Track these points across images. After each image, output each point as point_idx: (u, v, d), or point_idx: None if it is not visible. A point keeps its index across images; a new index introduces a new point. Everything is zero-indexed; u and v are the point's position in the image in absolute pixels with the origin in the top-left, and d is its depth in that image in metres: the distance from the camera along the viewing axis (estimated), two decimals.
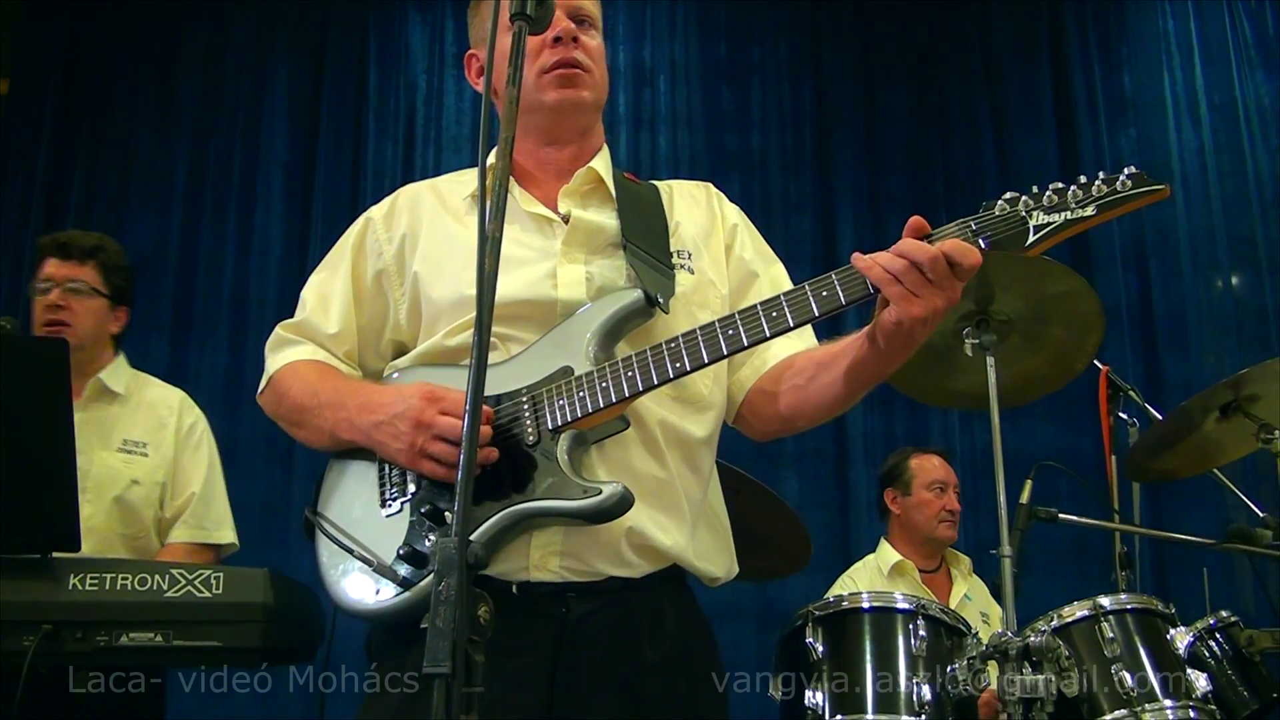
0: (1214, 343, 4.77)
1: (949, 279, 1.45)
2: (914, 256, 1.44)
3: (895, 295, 1.46)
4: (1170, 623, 2.63)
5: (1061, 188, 1.48)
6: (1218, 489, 3.29)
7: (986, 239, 1.47)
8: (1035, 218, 1.46)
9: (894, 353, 1.56)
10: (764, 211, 4.73)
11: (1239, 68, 5.16)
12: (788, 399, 1.76)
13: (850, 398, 1.70)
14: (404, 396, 1.60)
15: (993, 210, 1.49)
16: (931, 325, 1.50)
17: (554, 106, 1.76)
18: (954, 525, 3.64)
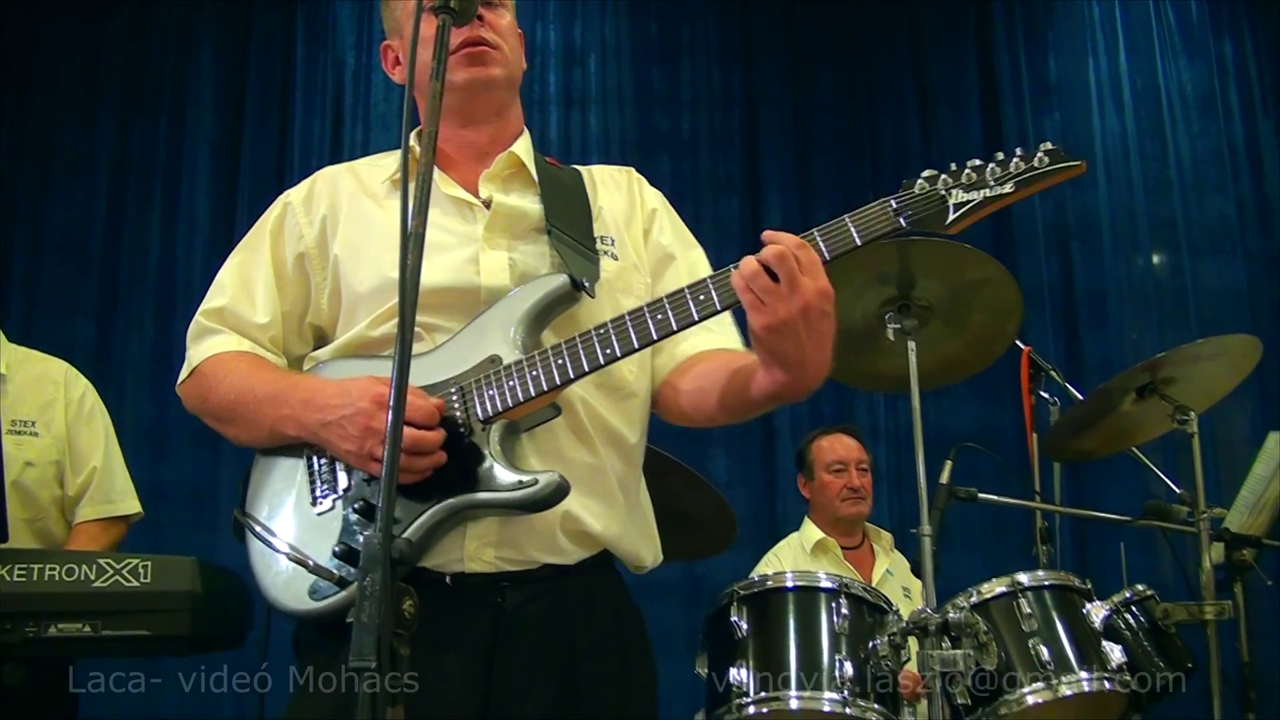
0: (1134, 323, 4.89)
1: (795, 279, 1.42)
2: (763, 255, 1.43)
3: (747, 303, 1.45)
4: (1086, 597, 2.72)
5: (980, 165, 1.49)
6: (1137, 466, 3.40)
7: (907, 217, 1.47)
8: (955, 196, 1.47)
9: (771, 369, 1.52)
10: (693, 192, 4.75)
11: (1162, 54, 5.27)
12: (691, 399, 1.76)
13: (748, 409, 1.67)
14: (353, 399, 1.56)
15: (912, 189, 1.49)
16: (792, 339, 1.45)
17: (464, 85, 1.74)
18: (860, 501, 3.70)
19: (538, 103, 4.80)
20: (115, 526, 2.75)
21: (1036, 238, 4.87)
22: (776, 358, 1.49)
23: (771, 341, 1.46)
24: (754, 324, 1.46)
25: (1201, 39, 5.33)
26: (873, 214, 1.49)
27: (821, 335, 1.46)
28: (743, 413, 1.70)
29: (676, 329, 1.54)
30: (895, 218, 1.48)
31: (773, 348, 1.47)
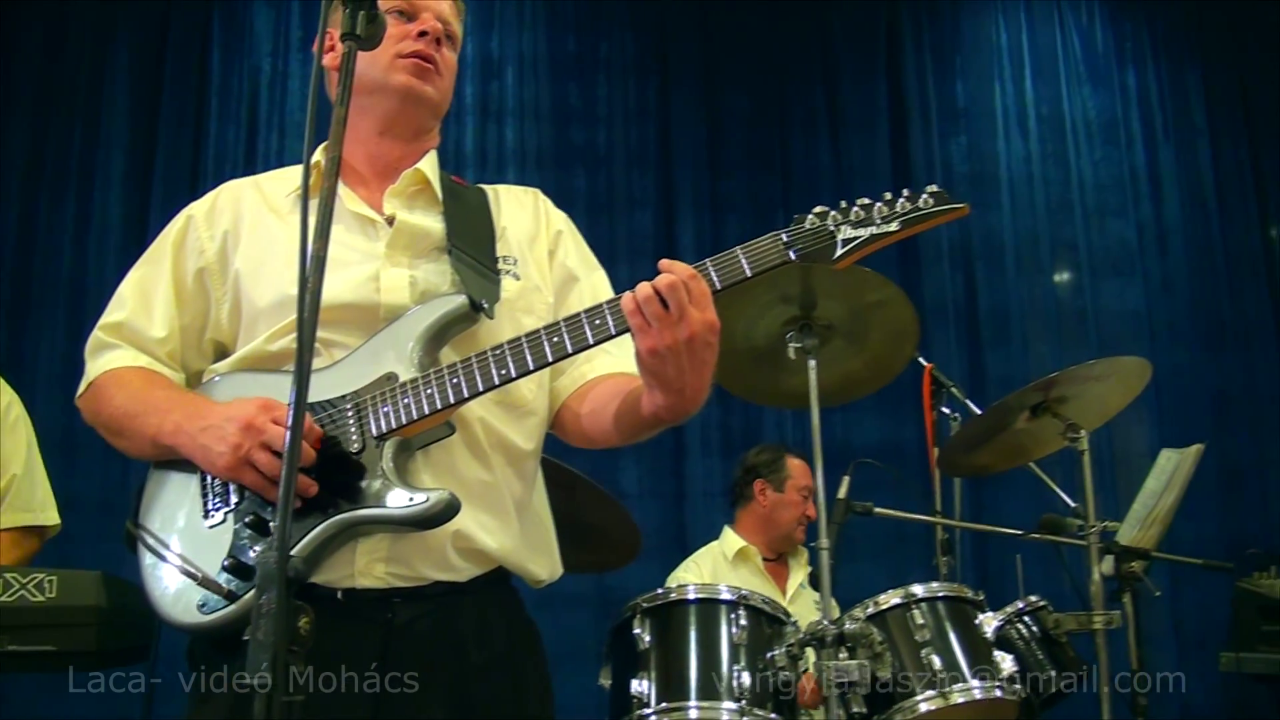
0: (1036, 342, 5.04)
1: (684, 308, 1.47)
2: (655, 282, 1.49)
3: (634, 326, 1.50)
4: (979, 608, 2.80)
5: (868, 204, 1.55)
6: (1037, 481, 3.50)
7: (797, 251, 1.53)
8: (843, 232, 1.53)
9: (653, 391, 1.56)
10: (608, 206, 4.80)
11: (1067, 82, 5.45)
12: (589, 421, 1.80)
13: (637, 431, 1.72)
14: (237, 407, 1.58)
15: (804, 224, 1.54)
16: (674, 364, 1.50)
17: (399, 90, 1.76)
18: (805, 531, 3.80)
19: (454, 114, 4.78)
20: (31, 538, 2.71)
21: (942, 257, 4.99)
22: (659, 381, 1.54)
23: (655, 365, 1.51)
24: (639, 347, 1.51)
25: (1106, 68, 5.51)
26: (764, 247, 1.54)
27: (703, 363, 1.52)
28: (634, 434, 1.74)
29: (571, 352, 1.58)
30: (785, 251, 1.54)
31: (656, 371, 1.52)
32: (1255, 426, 5.25)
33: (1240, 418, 5.25)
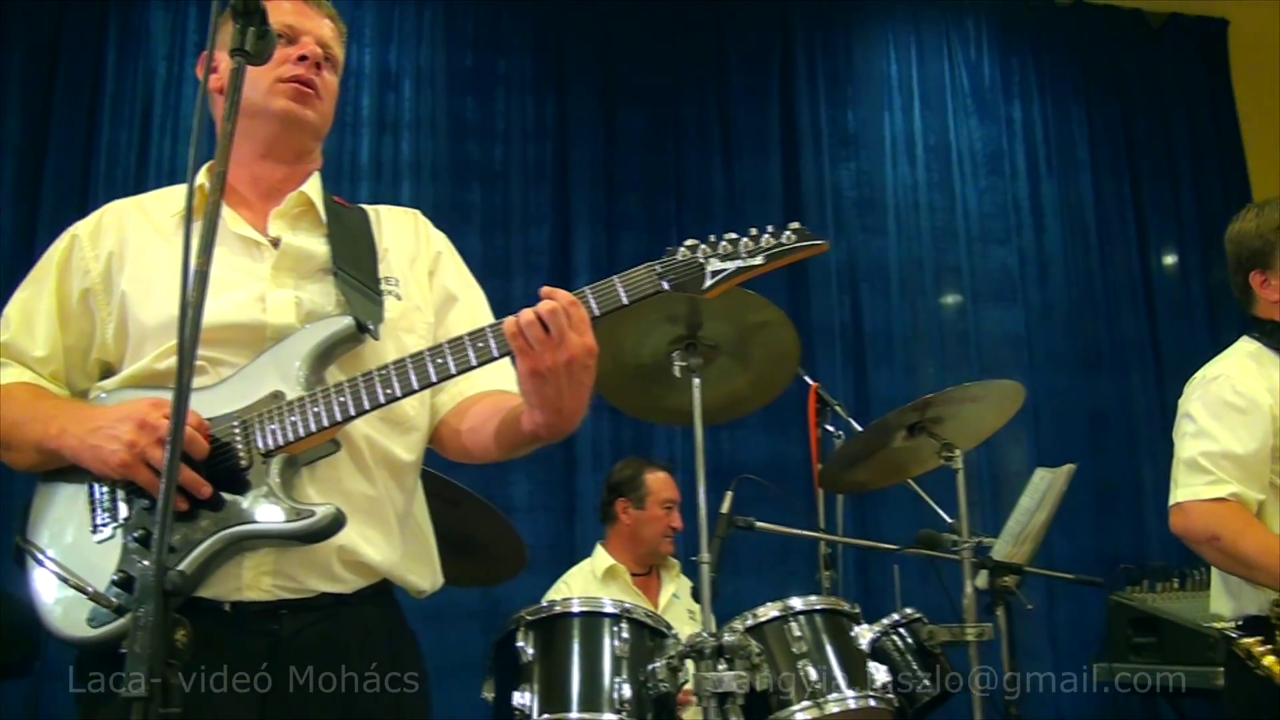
0: (919, 363, 5.18)
1: (564, 333, 1.55)
2: (538, 309, 1.56)
3: (516, 348, 1.58)
4: (855, 620, 2.88)
5: (735, 239, 1.64)
6: (917, 497, 3.61)
7: (670, 281, 1.61)
8: (711, 264, 1.62)
9: (532, 410, 1.63)
10: (503, 222, 4.80)
11: (955, 114, 5.63)
12: (470, 438, 1.85)
13: (516, 447, 1.78)
14: (128, 407, 1.60)
15: (676, 255, 1.63)
16: (554, 385, 1.58)
17: (280, 114, 1.79)
18: (672, 543, 3.86)
19: (350, 125, 4.77)
20: None
21: (830, 279, 5.10)
22: (539, 400, 1.61)
23: (535, 385, 1.59)
24: (521, 369, 1.59)
25: (992, 101, 5.71)
26: (639, 276, 1.63)
27: (580, 384, 1.61)
28: (513, 450, 1.80)
29: (455, 373, 1.64)
30: (659, 281, 1.62)
31: (536, 391, 1.59)
32: (1130, 447, 5.46)
33: (1116, 439, 5.46)
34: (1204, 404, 2.61)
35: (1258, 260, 2.67)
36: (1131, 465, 5.43)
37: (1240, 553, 2.47)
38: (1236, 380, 2.59)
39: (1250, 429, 2.53)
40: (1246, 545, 2.46)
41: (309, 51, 1.81)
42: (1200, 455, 2.55)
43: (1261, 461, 2.51)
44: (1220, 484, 2.51)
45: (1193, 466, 2.56)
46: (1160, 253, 5.87)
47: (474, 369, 1.64)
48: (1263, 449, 2.51)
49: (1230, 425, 2.55)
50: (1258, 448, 2.51)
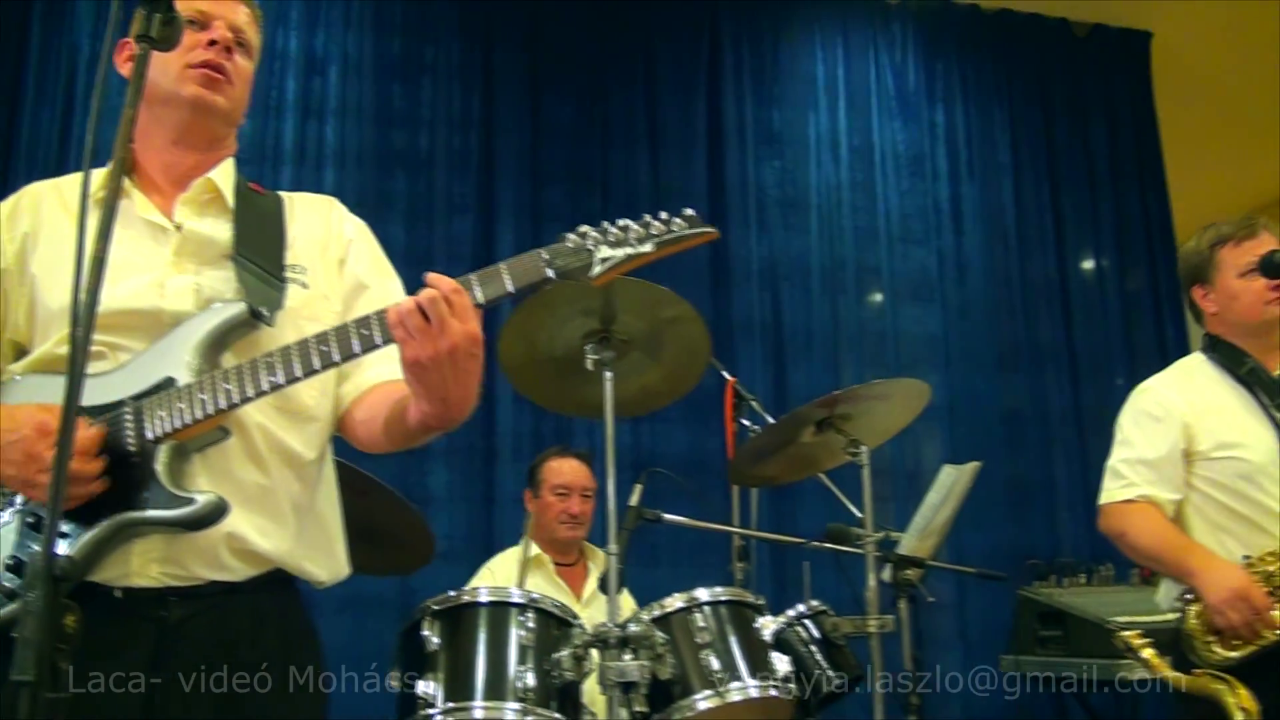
0: (838, 361, 5.25)
1: (445, 321, 1.53)
2: (418, 296, 1.56)
3: (397, 338, 1.57)
4: (760, 612, 2.92)
5: (625, 225, 1.64)
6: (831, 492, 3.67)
7: (556, 268, 1.60)
8: (600, 251, 1.61)
9: (419, 400, 1.63)
10: (427, 211, 4.78)
11: (879, 116, 5.69)
12: (364, 428, 1.85)
13: (408, 438, 1.76)
14: (18, 425, 1.58)
15: (565, 242, 1.62)
16: (437, 375, 1.56)
17: (189, 101, 1.79)
18: (576, 527, 3.87)
19: (274, 109, 4.72)
20: None
21: (751, 276, 5.15)
22: (423, 390, 1.60)
23: (419, 375, 1.58)
24: (403, 358, 1.57)
25: (916, 105, 5.79)
26: (526, 263, 1.61)
27: (466, 374, 1.58)
28: (404, 441, 1.79)
29: (339, 360, 1.63)
30: (545, 268, 1.60)
31: (420, 380, 1.59)
32: (1044, 446, 5.58)
33: (1030, 438, 5.57)
34: (1129, 414, 2.90)
35: (1198, 276, 2.90)
36: (1045, 464, 5.55)
37: (1141, 547, 2.75)
38: (1159, 392, 2.86)
39: (1163, 435, 2.77)
40: (1145, 540, 2.73)
41: (219, 36, 1.80)
42: (1119, 462, 2.84)
43: (1174, 464, 2.76)
44: (1131, 487, 2.78)
45: (1112, 472, 2.85)
46: (1078, 258, 5.99)
47: (357, 357, 1.63)
48: (1173, 452, 2.76)
49: (1146, 433, 2.81)
50: (1168, 451, 2.75)
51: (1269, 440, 2.67)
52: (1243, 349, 2.80)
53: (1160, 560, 2.74)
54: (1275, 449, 2.65)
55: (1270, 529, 2.61)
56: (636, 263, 1.63)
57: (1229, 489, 2.68)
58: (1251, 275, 2.76)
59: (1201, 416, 2.74)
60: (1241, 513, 2.66)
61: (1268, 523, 2.62)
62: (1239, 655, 2.52)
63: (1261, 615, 2.49)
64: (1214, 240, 2.86)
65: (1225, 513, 2.68)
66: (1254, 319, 2.77)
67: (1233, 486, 2.67)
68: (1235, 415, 2.74)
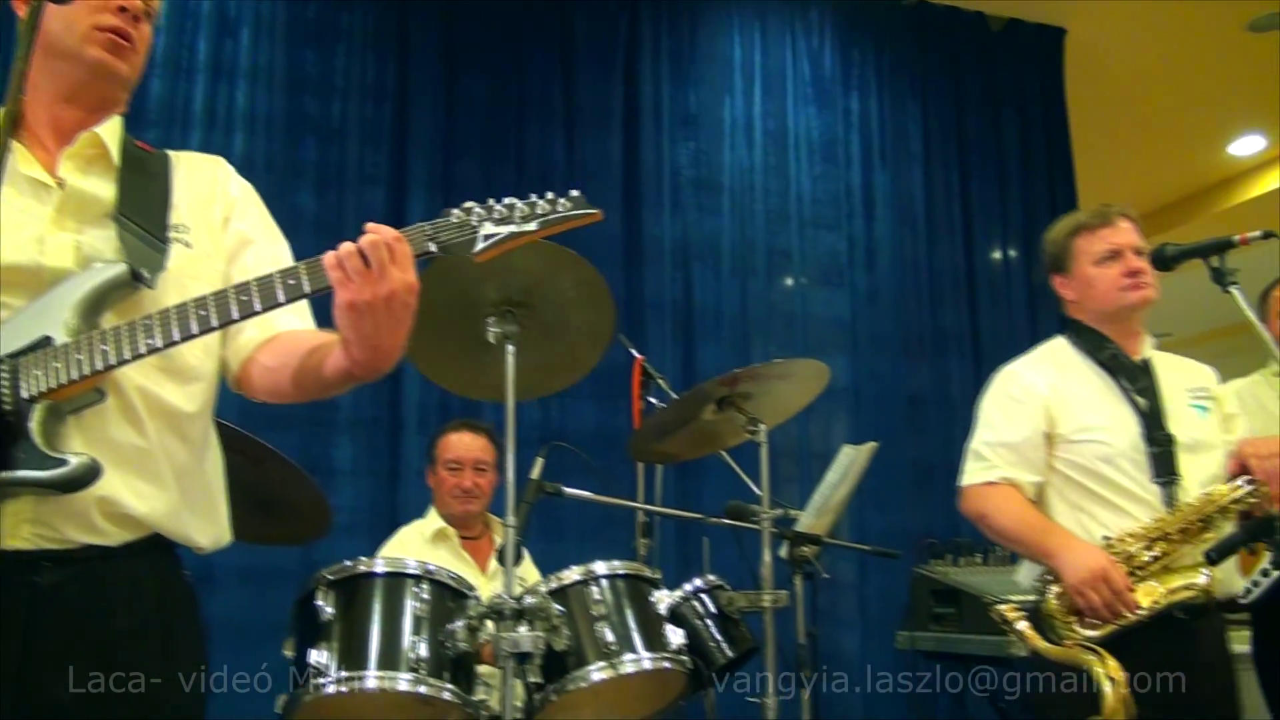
0: (747, 342, 5.30)
1: (385, 267, 1.57)
2: (359, 241, 1.58)
3: (335, 280, 1.59)
4: (655, 585, 2.96)
5: (511, 204, 1.66)
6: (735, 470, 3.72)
7: (440, 242, 1.63)
8: (485, 228, 1.64)
9: (348, 347, 1.65)
10: (338, 180, 4.71)
11: (794, 101, 5.73)
12: (272, 377, 1.84)
13: (322, 387, 1.78)
14: None
15: (449, 217, 1.65)
16: (371, 320, 1.59)
17: (92, 64, 1.76)
18: (470, 500, 3.87)
19: (185, 71, 4.60)
20: None
21: (663, 255, 5.18)
22: (355, 335, 1.62)
23: (353, 319, 1.59)
24: (340, 300, 1.59)
25: (831, 91, 5.84)
26: (409, 236, 1.63)
27: (399, 323, 1.61)
28: (316, 390, 1.80)
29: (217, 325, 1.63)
30: (427, 242, 1.63)
31: (353, 325, 1.60)
32: (946, 430, 5.67)
33: (932, 421, 5.68)
34: (991, 397, 2.93)
35: (1057, 265, 2.94)
36: (946, 447, 5.64)
37: (1002, 529, 2.77)
38: (1021, 375, 2.90)
39: (1025, 418, 2.81)
40: (1006, 521, 2.75)
41: (129, 3, 1.78)
42: (980, 444, 2.86)
43: (1035, 447, 2.79)
44: (992, 469, 2.80)
45: (973, 454, 2.87)
46: (985, 248, 6.10)
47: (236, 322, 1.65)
48: (1035, 435, 2.80)
49: (1007, 415, 2.84)
50: (1029, 434, 2.79)
51: (1130, 424, 2.75)
52: (1105, 334, 2.87)
53: (1021, 541, 2.76)
54: (1136, 432, 2.73)
55: (1130, 511, 2.68)
56: (520, 241, 1.65)
57: (1090, 471, 2.73)
58: (1106, 263, 2.84)
59: (1064, 399, 2.80)
60: (1102, 495, 2.72)
61: (1128, 505, 2.69)
62: (1097, 635, 2.56)
63: (1121, 595, 2.54)
64: (1071, 230, 2.92)
65: (1086, 495, 2.74)
66: (1110, 305, 2.84)
67: (1094, 469, 2.73)
68: (1097, 399, 2.80)
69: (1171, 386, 2.82)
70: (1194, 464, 2.73)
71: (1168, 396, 2.79)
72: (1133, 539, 2.64)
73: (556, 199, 1.67)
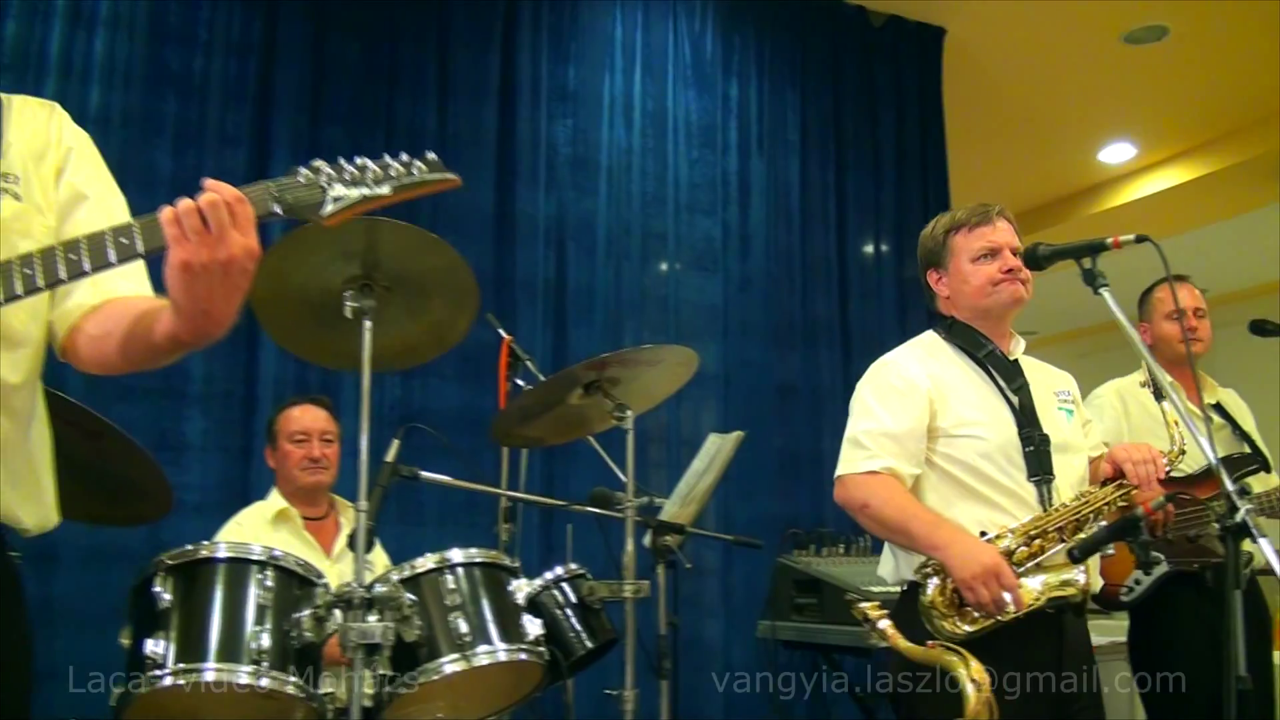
0: (619, 326, 5.23)
1: (225, 227, 1.46)
2: (199, 199, 1.47)
3: (170, 237, 1.46)
4: (514, 575, 2.89)
5: (363, 165, 1.56)
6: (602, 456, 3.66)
7: (284, 203, 1.52)
8: (334, 189, 1.53)
9: (178, 311, 1.54)
10: (198, 138, 4.46)
11: (674, 83, 5.66)
12: (98, 346, 1.71)
13: (150, 355, 1.67)
14: None
15: (297, 176, 1.53)
16: (205, 283, 1.48)
17: None
18: (320, 471, 3.73)
19: (40, 15, 4.28)
20: None
21: (537, 234, 5.06)
22: (187, 299, 1.50)
23: (186, 281, 1.47)
24: (173, 260, 1.46)
25: (711, 76, 5.79)
26: (252, 194, 1.51)
27: (235, 289, 1.50)
28: (144, 359, 1.68)
29: (44, 286, 1.49)
30: (271, 202, 1.52)
31: (186, 288, 1.48)
32: (814, 420, 5.72)
33: (801, 411, 5.71)
34: (871, 387, 2.88)
35: (932, 261, 2.94)
36: (814, 437, 5.70)
37: (885, 519, 2.73)
38: (902, 366, 2.87)
39: (907, 409, 2.78)
40: (890, 512, 2.71)
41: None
42: (861, 433, 2.81)
43: (916, 438, 2.78)
44: (874, 458, 2.75)
45: (853, 443, 2.82)
46: (858, 240, 6.15)
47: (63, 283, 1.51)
48: (917, 426, 2.78)
49: (889, 406, 2.80)
50: (912, 425, 2.77)
51: (1007, 421, 2.76)
52: (979, 331, 2.88)
53: (907, 533, 2.70)
54: (1012, 430, 2.75)
55: (1006, 507, 2.69)
56: (372, 204, 1.56)
57: (968, 466, 2.74)
58: (983, 260, 2.86)
59: (943, 393, 2.80)
60: (978, 490, 2.72)
61: (1004, 501, 2.70)
62: (974, 630, 2.58)
63: (1012, 591, 2.53)
64: (949, 226, 2.93)
65: (961, 490, 2.74)
66: (984, 302, 2.86)
67: (972, 464, 2.73)
68: (976, 395, 2.82)
69: (1040, 387, 2.86)
70: (1064, 464, 2.76)
71: (1038, 397, 2.82)
72: (1012, 536, 2.64)
73: (412, 161, 1.57)
